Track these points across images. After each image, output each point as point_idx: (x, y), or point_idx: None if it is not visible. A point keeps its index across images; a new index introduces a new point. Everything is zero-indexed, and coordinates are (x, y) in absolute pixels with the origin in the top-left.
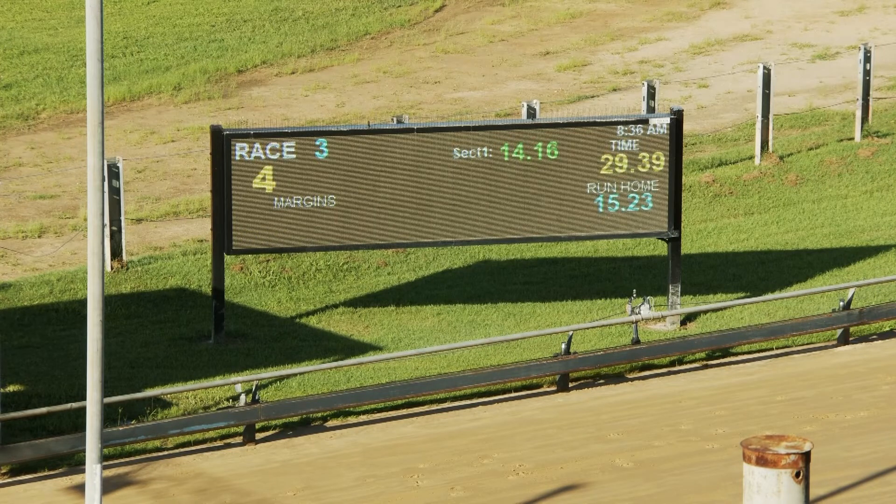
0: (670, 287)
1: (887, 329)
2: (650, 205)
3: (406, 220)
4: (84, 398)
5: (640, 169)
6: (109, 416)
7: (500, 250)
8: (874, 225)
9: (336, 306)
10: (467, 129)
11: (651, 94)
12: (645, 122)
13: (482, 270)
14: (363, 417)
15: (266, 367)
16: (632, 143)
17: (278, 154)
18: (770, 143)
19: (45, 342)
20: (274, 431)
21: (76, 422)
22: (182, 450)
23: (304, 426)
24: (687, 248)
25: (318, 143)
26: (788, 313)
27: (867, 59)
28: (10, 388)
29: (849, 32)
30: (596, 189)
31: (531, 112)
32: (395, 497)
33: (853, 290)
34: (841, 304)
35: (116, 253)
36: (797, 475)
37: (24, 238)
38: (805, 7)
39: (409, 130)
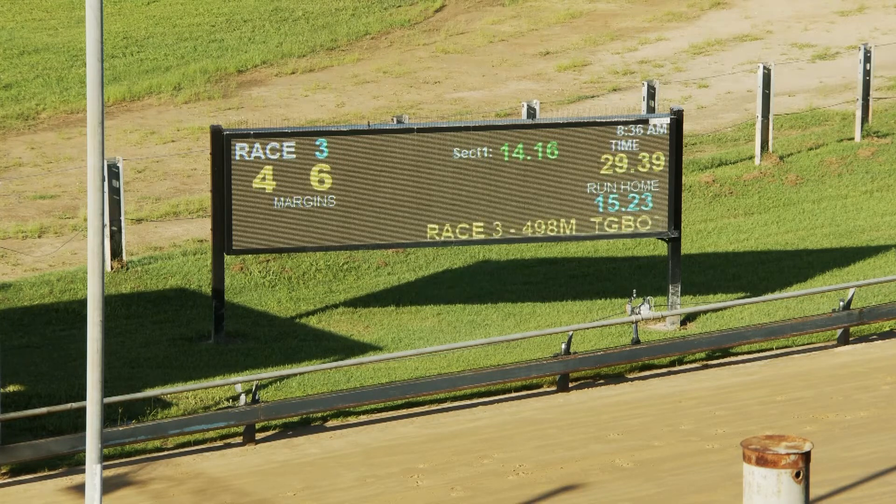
0: (670, 287)
1: (887, 329)
2: (650, 205)
3: (406, 220)
4: (84, 398)
5: (640, 169)
6: (109, 416)
7: (500, 250)
8: (874, 225)
9: (336, 306)
10: (467, 129)
11: (651, 95)
12: (645, 122)
13: (482, 270)
14: (363, 417)
15: (266, 367)
16: (632, 143)
17: (278, 154)
18: (770, 143)
19: (45, 342)
20: (274, 431)
21: (76, 422)
22: (182, 450)
23: (304, 426)
24: (687, 248)
25: (318, 143)
26: (788, 313)
27: (867, 59)
28: (10, 388)
29: (849, 32)
30: (596, 189)
31: (531, 112)
32: (395, 497)
33: (853, 290)
34: (841, 304)
35: (116, 253)
36: (797, 475)
37: (24, 238)
38: (805, 7)
39: (409, 130)
